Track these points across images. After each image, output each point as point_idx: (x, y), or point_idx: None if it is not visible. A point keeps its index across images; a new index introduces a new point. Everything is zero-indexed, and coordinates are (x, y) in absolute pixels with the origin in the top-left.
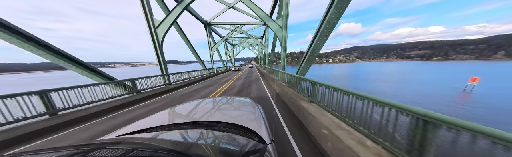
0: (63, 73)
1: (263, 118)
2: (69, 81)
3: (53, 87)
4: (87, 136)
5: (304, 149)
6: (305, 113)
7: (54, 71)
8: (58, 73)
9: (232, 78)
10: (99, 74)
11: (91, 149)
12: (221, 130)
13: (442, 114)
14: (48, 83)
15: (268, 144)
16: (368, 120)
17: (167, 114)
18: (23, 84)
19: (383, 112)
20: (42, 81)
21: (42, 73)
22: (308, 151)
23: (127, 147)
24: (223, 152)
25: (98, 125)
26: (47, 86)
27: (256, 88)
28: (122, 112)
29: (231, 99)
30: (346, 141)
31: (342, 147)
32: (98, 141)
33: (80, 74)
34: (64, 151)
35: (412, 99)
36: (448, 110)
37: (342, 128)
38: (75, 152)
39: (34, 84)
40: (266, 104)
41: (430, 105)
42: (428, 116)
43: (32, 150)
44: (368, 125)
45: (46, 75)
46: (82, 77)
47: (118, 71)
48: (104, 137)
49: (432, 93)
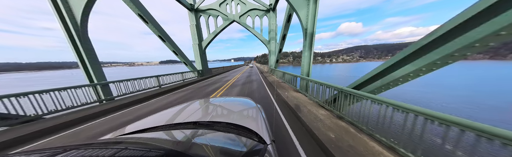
0: (55, 73)
1: (264, 118)
2: (43, 83)
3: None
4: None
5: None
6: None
7: (45, 71)
8: (48, 73)
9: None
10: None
11: (92, 149)
12: (221, 130)
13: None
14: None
15: (269, 144)
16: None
17: (167, 114)
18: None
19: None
20: (15, 82)
21: (32, 73)
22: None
23: (128, 147)
24: (223, 152)
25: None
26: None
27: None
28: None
29: (231, 99)
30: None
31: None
32: (99, 140)
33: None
34: (65, 151)
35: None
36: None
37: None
38: (76, 151)
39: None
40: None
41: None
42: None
43: (33, 150)
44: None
45: (31, 76)
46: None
47: (110, 72)
48: (105, 137)
49: (489, 102)
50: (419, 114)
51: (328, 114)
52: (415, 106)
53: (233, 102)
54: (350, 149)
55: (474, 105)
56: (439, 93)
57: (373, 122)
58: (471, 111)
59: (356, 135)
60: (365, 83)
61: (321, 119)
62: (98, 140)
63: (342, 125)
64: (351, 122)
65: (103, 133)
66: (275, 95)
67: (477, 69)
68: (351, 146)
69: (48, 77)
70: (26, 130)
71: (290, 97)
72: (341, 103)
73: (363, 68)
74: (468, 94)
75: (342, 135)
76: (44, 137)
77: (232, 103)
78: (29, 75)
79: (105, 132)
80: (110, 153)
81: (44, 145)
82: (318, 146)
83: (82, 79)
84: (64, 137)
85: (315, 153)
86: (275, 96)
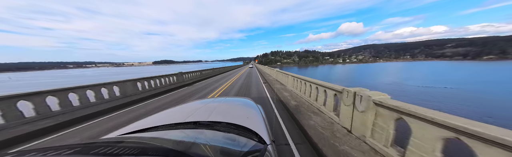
0: (25, 74)
1: (264, 119)
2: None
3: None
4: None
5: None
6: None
7: (16, 72)
8: (13, 74)
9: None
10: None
11: (94, 148)
12: (221, 130)
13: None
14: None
15: (269, 144)
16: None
17: (168, 114)
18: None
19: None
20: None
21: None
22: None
23: (128, 146)
24: (223, 152)
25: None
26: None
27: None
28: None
29: (232, 99)
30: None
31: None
32: (101, 140)
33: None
34: (67, 150)
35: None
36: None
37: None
38: (78, 150)
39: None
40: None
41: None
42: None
43: (36, 148)
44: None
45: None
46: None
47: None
48: (107, 136)
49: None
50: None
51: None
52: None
53: (233, 102)
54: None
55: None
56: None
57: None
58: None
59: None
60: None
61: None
62: (99, 139)
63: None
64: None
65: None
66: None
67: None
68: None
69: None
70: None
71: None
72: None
73: (421, 71)
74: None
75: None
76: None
77: (233, 103)
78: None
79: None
80: (111, 152)
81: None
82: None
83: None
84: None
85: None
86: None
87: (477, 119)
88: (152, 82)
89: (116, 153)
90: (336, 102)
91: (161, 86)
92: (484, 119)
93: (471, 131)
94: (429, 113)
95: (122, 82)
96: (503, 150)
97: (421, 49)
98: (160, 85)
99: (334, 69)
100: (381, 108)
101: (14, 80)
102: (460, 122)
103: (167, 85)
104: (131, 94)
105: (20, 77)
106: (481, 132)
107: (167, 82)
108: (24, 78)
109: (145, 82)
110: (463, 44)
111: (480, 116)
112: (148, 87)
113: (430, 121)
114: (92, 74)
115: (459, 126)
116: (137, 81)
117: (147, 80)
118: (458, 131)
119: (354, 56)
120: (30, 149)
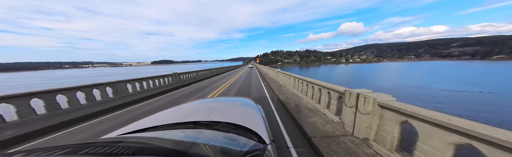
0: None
1: (263, 118)
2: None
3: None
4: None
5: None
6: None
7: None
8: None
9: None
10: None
11: (93, 147)
12: (221, 130)
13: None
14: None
15: (268, 144)
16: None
17: (168, 114)
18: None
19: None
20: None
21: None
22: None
23: (128, 146)
24: (223, 152)
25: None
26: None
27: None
28: None
29: (232, 99)
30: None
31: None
32: (100, 140)
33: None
34: (66, 150)
35: None
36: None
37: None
38: (78, 150)
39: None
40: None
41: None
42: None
43: (35, 148)
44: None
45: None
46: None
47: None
48: (106, 136)
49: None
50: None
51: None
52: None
53: (233, 102)
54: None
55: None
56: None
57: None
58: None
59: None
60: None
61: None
62: (99, 139)
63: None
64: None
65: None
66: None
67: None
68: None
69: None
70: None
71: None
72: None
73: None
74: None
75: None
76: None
77: (232, 103)
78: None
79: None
80: (111, 152)
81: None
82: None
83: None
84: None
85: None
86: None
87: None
88: (130, 86)
89: (115, 153)
90: (340, 105)
91: (130, 93)
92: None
93: (488, 137)
94: (440, 116)
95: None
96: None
97: (425, 49)
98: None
99: (338, 69)
100: (385, 110)
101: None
102: (475, 127)
103: (138, 93)
104: (100, 102)
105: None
106: (499, 138)
107: (145, 87)
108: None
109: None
110: (470, 43)
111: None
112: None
113: (440, 125)
114: (82, 75)
115: (474, 131)
116: (106, 86)
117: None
118: (471, 137)
119: (356, 55)
120: (30, 149)
